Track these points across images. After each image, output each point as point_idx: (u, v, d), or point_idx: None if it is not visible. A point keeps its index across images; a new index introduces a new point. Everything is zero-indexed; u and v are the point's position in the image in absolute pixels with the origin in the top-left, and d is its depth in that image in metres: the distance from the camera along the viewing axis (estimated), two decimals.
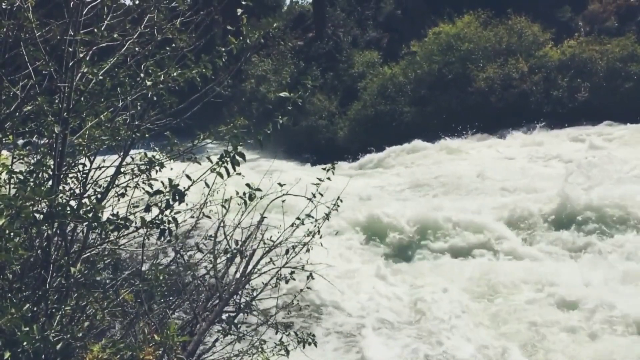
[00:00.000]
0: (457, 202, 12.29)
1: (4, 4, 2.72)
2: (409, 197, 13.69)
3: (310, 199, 4.03)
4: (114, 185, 3.27)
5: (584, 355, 6.61)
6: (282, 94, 3.35)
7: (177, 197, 2.80)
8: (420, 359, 6.76)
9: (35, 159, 2.96)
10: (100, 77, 2.95)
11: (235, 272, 3.80)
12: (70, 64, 2.76)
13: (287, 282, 4.00)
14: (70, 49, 2.76)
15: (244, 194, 3.38)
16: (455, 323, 7.40)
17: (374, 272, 9.18)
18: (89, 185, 3.20)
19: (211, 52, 3.25)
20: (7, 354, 2.17)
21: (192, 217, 3.72)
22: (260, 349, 3.84)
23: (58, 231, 2.75)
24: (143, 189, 3.28)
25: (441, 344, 6.97)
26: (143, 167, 3.28)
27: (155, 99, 3.15)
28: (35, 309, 2.60)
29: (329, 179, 4.03)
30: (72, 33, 2.75)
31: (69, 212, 2.39)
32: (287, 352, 3.79)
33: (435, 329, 7.31)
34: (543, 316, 7.43)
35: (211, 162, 3.09)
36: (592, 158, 13.98)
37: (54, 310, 2.70)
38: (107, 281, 3.28)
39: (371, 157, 19.71)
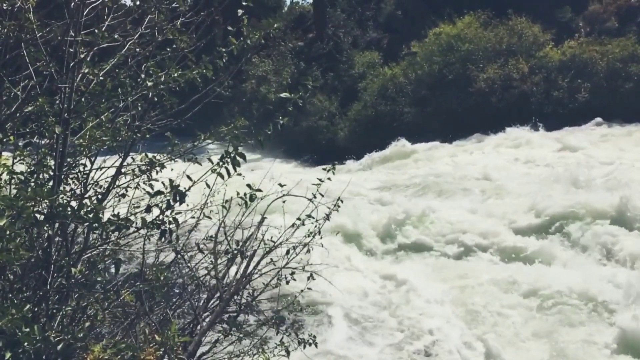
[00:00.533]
0: (433, 201, 12.79)
1: (4, 4, 2.73)
2: (387, 197, 13.99)
3: (310, 200, 4.03)
4: (115, 186, 3.28)
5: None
6: (282, 95, 3.35)
7: (177, 198, 2.81)
8: (403, 351, 7.08)
9: (36, 160, 2.96)
10: (101, 78, 2.96)
11: (236, 273, 3.80)
12: (71, 65, 2.77)
13: (287, 282, 4.00)
14: (71, 50, 2.76)
15: (245, 194, 3.38)
16: (434, 313, 7.85)
17: (355, 268, 9.56)
18: (89, 186, 3.20)
19: (212, 52, 3.26)
20: (8, 355, 2.17)
21: (192, 217, 3.73)
22: (260, 350, 3.84)
23: (59, 232, 2.75)
24: (144, 189, 3.28)
25: (421, 337, 7.35)
26: (144, 168, 3.29)
27: (156, 99, 3.15)
28: (36, 309, 2.60)
29: (329, 179, 4.03)
30: (73, 34, 2.76)
31: (69, 212, 2.39)
32: (288, 352, 3.79)
33: (414, 321, 7.67)
34: (514, 308, 7.84)
35: (212, 162, 3.10)
36: (569, 161, 14.29)
37: (54, 311, 2.70)
38: (108, 282, 3.28)
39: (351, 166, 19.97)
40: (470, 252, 10.05)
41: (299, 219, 4.08)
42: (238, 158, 3.01)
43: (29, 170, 2.79)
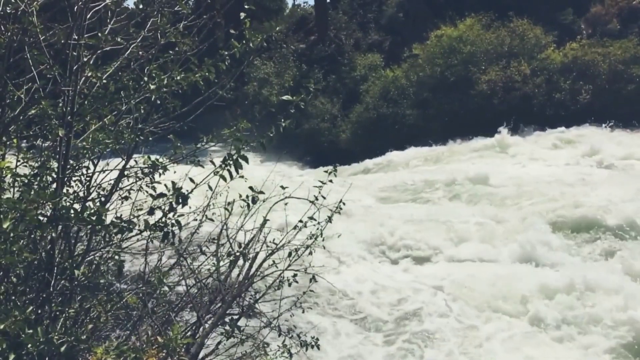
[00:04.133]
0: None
1: (8, 8, 2.74)
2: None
3: (312, 202, 4.04)
4: (118, 188, 3.29)
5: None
6: (284, 98, 3.36)
7: (180, 200, 2.82)
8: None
9: (39, 162, 2.97)
10: (104, 81, 2.97)
11: (238, 275, 3.81)
12: (74, 68, 2.78)
13: (289, 284, 4.01)
14: (75, 53, 2.77)
15: (247, 197, 3.39)
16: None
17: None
18: (92, 188, 3.21)
19: (214, 55, 3.27)
20: (11, 356, 2.18)
21: (195, 220, 3.74)
22: (263, 352, 3.84)
23: (62, 234, 2.76)
24: (146, 192, 3.29)
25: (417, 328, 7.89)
26: (146, 170, 3.30)
27: (158, 102, 3.16)
28: (39, 311, 2.61)
29: (331, 181, 4.04)
30: (76, 37, 2.77)
31: (73, 215, 2.40)
32: (290, 354, 3.79)
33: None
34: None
35: (214, 165, 3.11)
36: None
37: (57, 313, 2.71)
38: (111, 284, 3.29)
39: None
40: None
41: (300, 221, 4.09)
42: (240, 160, 3.02)
43: (32, 172, 2.81)
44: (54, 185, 2.74)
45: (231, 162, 3.03)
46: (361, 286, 9.18)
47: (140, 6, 3.20)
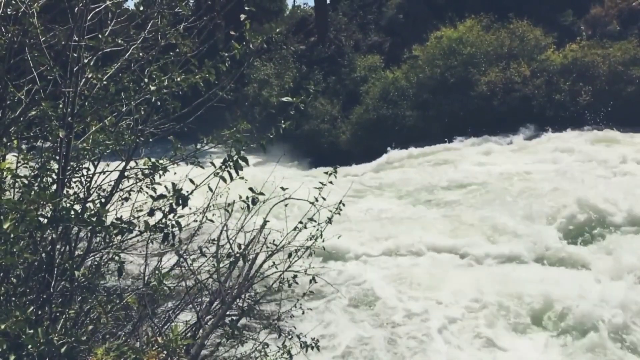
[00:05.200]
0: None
1: (9, 9, 2.75)
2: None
3: (312, 203, 4.04)
4: (118, 190, 3.29)
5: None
6: (284, 99, 3.36)
7: (180, 201, 2.82)
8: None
9: (39, 163, 2.97)
10: (105, 82, 2.98)
11: (238, 276, 3.81)
12: (75, 69, 2.79)
13: (289, 285, 4.01)
14: (75, 54, 2.78)
15: (247, 198, 3.39)
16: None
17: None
18: (93, 190, 3.22)
19: (214, 57, 3.27)
20: (11, 357, 2.18)
21: (195, 221, 3.74)
22: (263, 353, 3.84)
23: (62, 235, 2.76)
24: (147, 193, 3.30)
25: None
26: (147, 172, 3.30)
27: (159, 103, 3.17)
28: (39, 312, 2.61)
29: (331, 182, 4.05)
30: (77, 38, 2.78)
31: (73, 216, 2.40)
32: (290, 355, 3.79)
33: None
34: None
35: (214, 166, 3.11)
36: None
37: (58, 314, 2.71)
38: (111, 285, 3.30)
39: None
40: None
41: (300, 222, 4.09)
42: (240, 162, 3.02)
43: (32, 173, 2.81)
44: (54, 187, 2.75)
45: (231, 164, 3.03)
46: (331, 274, 9.66)
47: (141, 8, 3.21)
